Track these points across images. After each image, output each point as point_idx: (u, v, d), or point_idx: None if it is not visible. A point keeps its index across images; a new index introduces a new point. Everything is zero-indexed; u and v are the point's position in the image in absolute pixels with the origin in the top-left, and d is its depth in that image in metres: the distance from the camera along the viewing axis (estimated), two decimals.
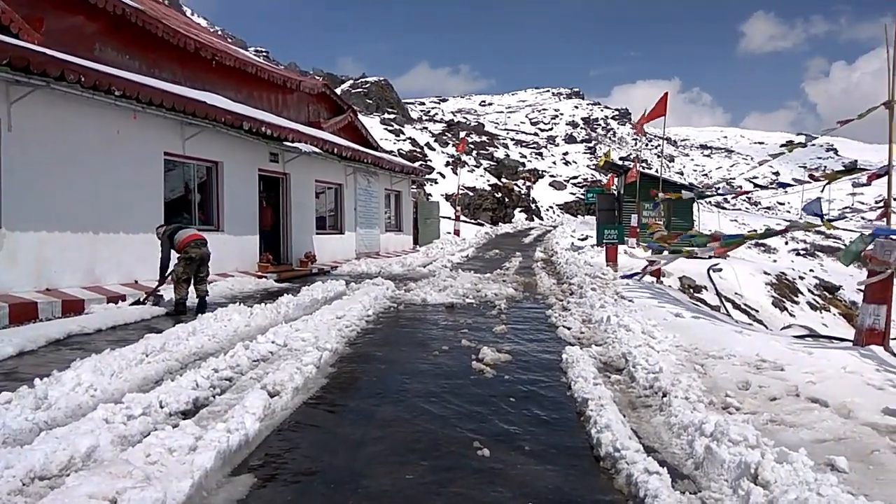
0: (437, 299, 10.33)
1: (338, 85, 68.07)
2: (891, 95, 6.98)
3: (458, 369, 6.16)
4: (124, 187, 10.86)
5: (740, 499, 3.28)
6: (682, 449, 4.19)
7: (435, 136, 57.23)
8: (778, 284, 15.64)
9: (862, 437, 4.28)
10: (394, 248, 21.88)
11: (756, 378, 5.72)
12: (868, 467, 3.85)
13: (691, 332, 7.82)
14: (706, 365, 6.28)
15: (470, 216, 39.49)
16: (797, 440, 4.26)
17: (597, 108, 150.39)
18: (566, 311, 9.29)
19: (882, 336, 6.76)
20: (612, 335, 7.40)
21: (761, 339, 7.30)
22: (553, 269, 15.55)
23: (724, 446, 3.78)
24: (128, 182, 10.94)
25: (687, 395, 5.02)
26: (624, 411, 4.94)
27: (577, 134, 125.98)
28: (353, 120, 22.13)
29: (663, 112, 13.77)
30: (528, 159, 79.85)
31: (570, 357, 6.29)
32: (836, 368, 5.97)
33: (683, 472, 3.83)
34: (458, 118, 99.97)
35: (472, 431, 4.46)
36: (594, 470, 3.89)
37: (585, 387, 5.26)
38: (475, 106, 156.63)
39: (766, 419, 4.73)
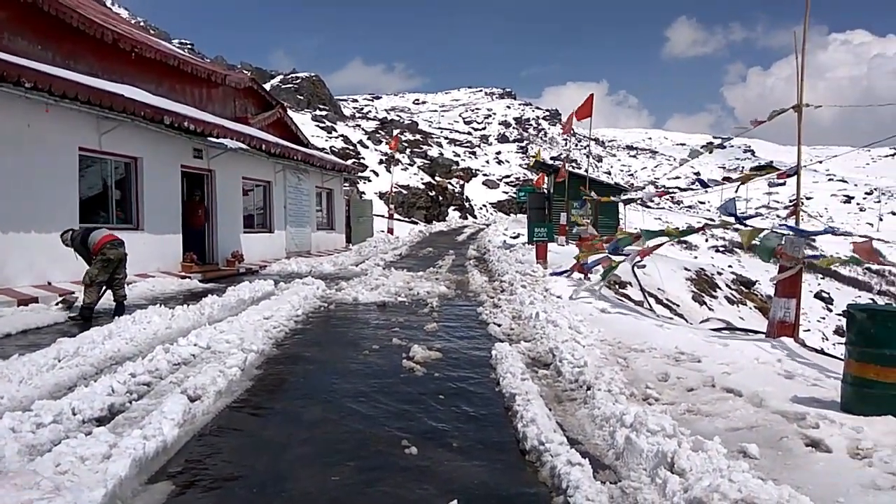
0: (369, 298, 10.25)
1: (267, 80, 66.58)
2: (799, 99, 7.39)
3: (389, 368, 6.13)
4: (36, 184, 10.26)
5: (658, 487, 3.40)
6: (604, 440, 4.30)
7: (368, 133, 56.81)
8: (698, 280, 16.34)
9: (772, 425, 4.50)
10: (325, 246, 21.58)
11: (675, 370, 5.94)
12: (777, 453, 4.05)
13: (616, 326, 8.06)
14: (629, 358, 6.48)
15: (404, 214, 39.41)
16: (712, 429, 4.45)
17: (528, 108, 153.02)
18: (497, 308, 9.39)
19: (792, 328, 7.15)
20: (540, 331, 7.53)
21: (680, 333, 7.60)
22: (485, 266, 15.70)
23: (643, 436, 3.90)
24: (40, 178, 10.34)
25: (609, 387, 5.16)
26: (550, 405, 5.03)
27: (510, 133, 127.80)
28: (283, 116, 21.68)
29: (589, 113, 14.14)
30: (462, 158, 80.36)
31: (499, 353, 6.36)
32: (749, 359, 6.27)
33: (605, 463, 3.94)
34: (392, 116, 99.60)
35: (401, 430, 4.44)
36: (520, 463, 3.95)
37: (513, 382, 5.32)
38: (409, 104, 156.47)
39: (683, 409, 4.91)
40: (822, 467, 3.80)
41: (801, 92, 7.25)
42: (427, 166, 54.40)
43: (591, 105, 14.17)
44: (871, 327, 4.49)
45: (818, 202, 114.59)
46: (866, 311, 4.57)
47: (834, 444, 4.04)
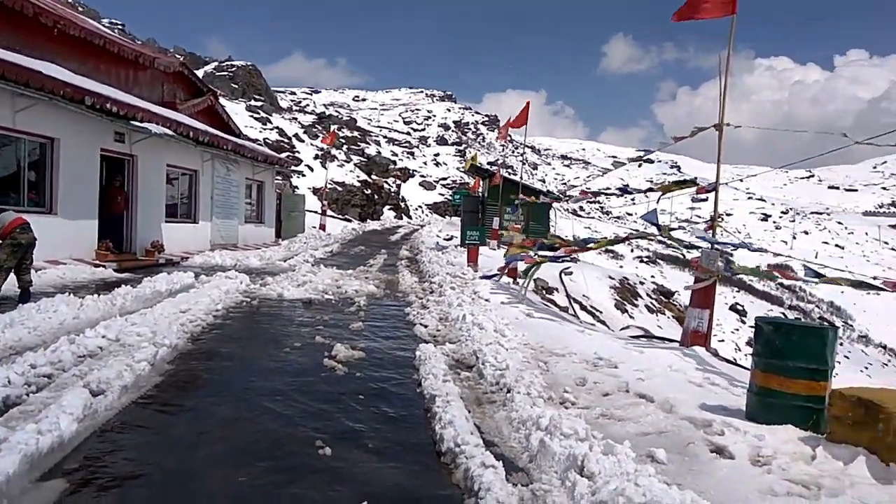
0: (295, 295, 10.03)
1: (201, 66, 64.41)
2: (721, 119, 7.71)
3: (309, 367, 6.00)
4: None
5: (567, 490, 3.45)
6: (519, 443, 4.34)
7: (305, 127, 55.81)
8: (621, 288, 16.84)
9: (680, 431, 4.65)
10: (254, 240, 21.02)
11: (593, 375, 6.08)
12: (684, 458, 4.19)
13: (539, 331, 8.18)
14: (549, 362, 6.58)
15: (338, 211, 38.91)
16: (624, 433, 4.56)
17: (468, 112, 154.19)
18: (425, 309, 9.37)
19: (705, 337, 7.44)
20: (466, 333, 7.55)
21: (600, 339, 7.79)
22: (417, 267, 15.67)
23: (557, 439, 3.96)
24: None
25: (529, 391, 5.22)
26: (470, 407, 5.04)
27: (449, 136, 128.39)
28: (214, 103, 20.98)
29: (525, 121, 14.36)
30: (400, 158, 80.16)
31: (423, 354, 6.34)
32: (663, 367, 6.48)
33: (519, 465, 3.97)
34: (331, 111, 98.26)
35: (317, 430, 4.34)
36: (435, 465, 3.93)
37: (435, 384, 5.30)
38: (349, 100, 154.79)
39: (598, 413, 5.02)
40: (725, 473, 3.95)
41: (722, 112, 7.57)
42: (364, 164, 53.91)
43: (526, 113, 14.39)
44: (777, 339, 4.71)
45: (738, 219, 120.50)
46: (772, 324, 4.79)
47: (737, 451, 4.21)
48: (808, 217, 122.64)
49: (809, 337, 4.62)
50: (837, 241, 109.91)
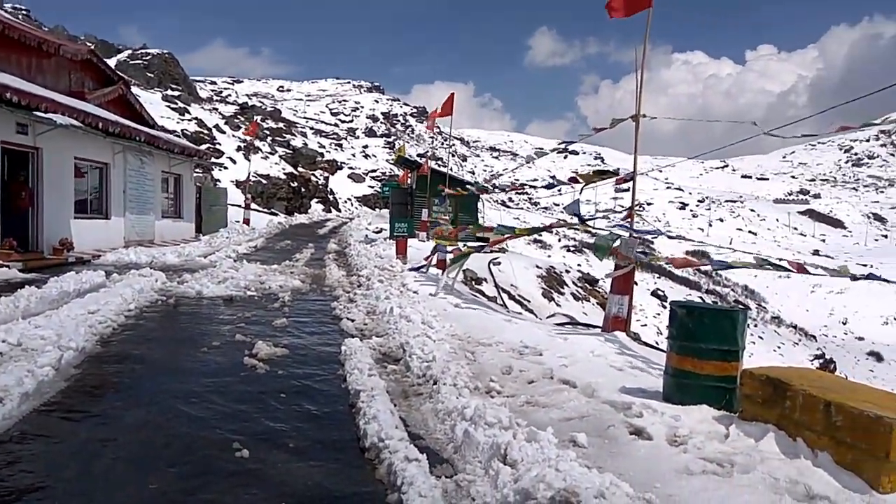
0: (215, 292, 9.67)
1: (113, 54, 61.24)
2: (638, 110, 7.91)
3: (228, 366, 5.78)
4: None
5: (490, 479, 3.45)
6: (445, 434, 4.32)
7: (226, 118, 54.01)
8: (547, 277, 17.16)
9: (601, 414, 4.75)
10: (172, 236, 20.16)
11: (518, 363, 6.14)
12: (604, 441, 4.27)
13: (467, 321, 8.21)
14: (476, 352, 6.60)
15: (263, 205, 37.90)
16: (548, 419, 4.61)
17: (397, 104, 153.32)
18: (352, 303, 9.24)
19: (625, 323, 7.64)
20: (393, 326, 7.48)
21: (526, 328, 7.88)
22: (345, 260, 15.45)
23: (481, 429, 3.95)
24: None
25: (455, 381, 5.21)
26: (396, 400, 4.99)
27: (378, 128, 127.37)
28: (126, 93, 19.94)
29: (450, 111, 14.37)
30: (328, 150, 78.86)
31: (348, 349, 6.22)
32: (585, 352, 6.61)
33: (444, 457, 3.95)
34: (254, 101, 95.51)
35: (234, 432, 4.18)
36: (359, 462, 3.85)
37: (360, 378, 5.21)
38: (273, 91, 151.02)
39: (523, 401, 5.06)
40: (644, 454, 4.05)
41: (639, 103, 7.77)
42: (290, 156, 52.68)
43: (451, 104, 14.40)
44: (690, 323, 4.87)
45: (657, 208, 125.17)
46: (685, 308, 4.95)
47: (655, 431, 4.32)
48: (723, 205, 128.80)
49: (721, 319, 4.80)
50: (750, 227, 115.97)
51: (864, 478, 3.48)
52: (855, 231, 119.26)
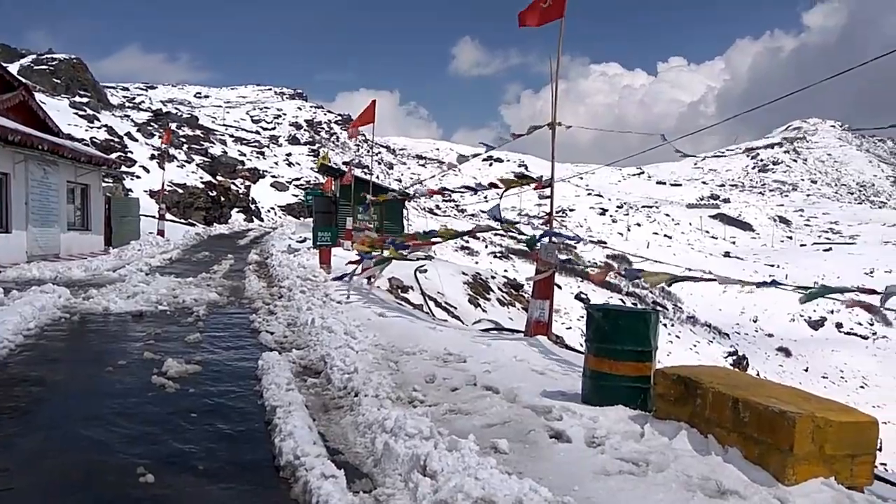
0: (124, 307, 9.16)
1: (16, 59, 57.61)
2: (553, 118, 8.07)
3: (134, 386, 5.46)
4: None
5: (410, 491, 3.38)
6: (365, 447, 4.21)
7: (139, 125, 51.72)
8: (474, 283, 17.27)
9: (523, 419, 4.76)
10: (79, 249, 19.04)
11: (442, 371, 6.09)
12: (525, 446, 4.28)
13: (391, 330, 8.11)
14: (400, 361, 6.52)
15: (180, 215, 36.44)
16: (470, 427, 4.58)
17: (321, 111, 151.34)
18: (272, 315, 8.97)
19: (546, 327, 7.75)
20: (315, 338, 7.30)
21: (450, 335, 7.87)
22: (266, 271, 15.02)
23: (402, 440, 3.87)
24: None
25: (377, 392, 5.11)
26: (315, 415, 4.84)
27: (301, 136, 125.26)
28: (28, 99, 18.71)
29: (372, 119, 14.25)
30: (249, 158, 76.82)
31: (266, 363, 6.00)
32: (508, 357, 6.65)
33: (363, 471, 3.84)
34: (170, 108, 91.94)
35: (139, 456, 3.93)
36: (273, 482, 3.70)
37: (277, 394, 5.03)
38: (190, 97, 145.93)
39: (446, 409, 5.02)
40: (563, 457, 4.08)
41: (554, 111, 7.93)
42: (208, 165, 50.93)
43: (373, 111, 14.28)
44: (605, 325, 4.97)
45: (579, 213, 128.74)
46: (601, 311, 5.05)
47: (574, 434, 4.37)
48: (640, 210, 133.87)
49: (634, 321, 4.91)
50: (666, 231, 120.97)
51: (771, 471, 3.61)
52: (762, 233, 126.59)
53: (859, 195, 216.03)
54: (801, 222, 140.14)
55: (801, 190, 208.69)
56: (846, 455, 3.67)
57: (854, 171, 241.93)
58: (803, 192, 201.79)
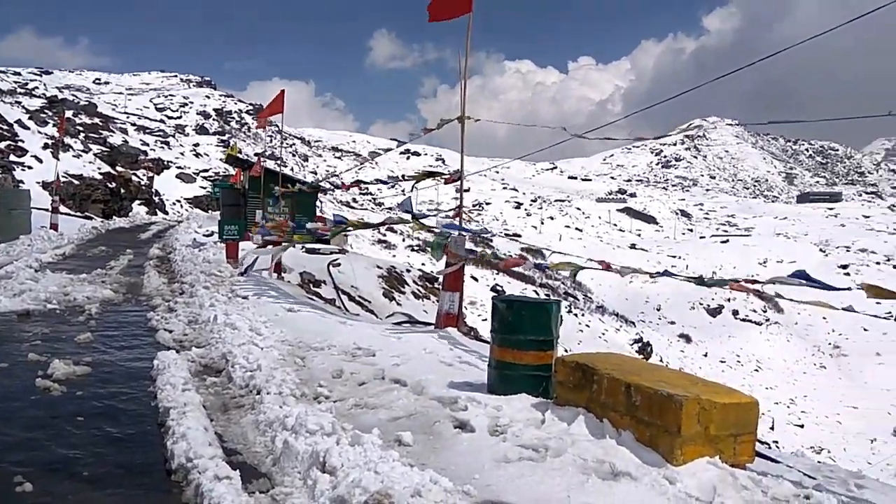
0: (8, 306, 8.49)
1: None
2: (462, 112, 8.13)
3: (16, 390, 5.07)
4: None
5: (308, 489, 3.32)
6: (265, 446, 4.10)
7: (31, 113, 48.18)
8: (388, 277, 17.21)
9: (429, 411, 4.78)
10: None
11: (350, 365, 6.02)
12: (429, 438, 4.29)
13: (300, 325, 7.95)
14: (307, 357, 6.40)
15: (76, 208, 34.24)
16: (375, 421, 4.55)
17: (231, 100, 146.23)
18: (171, 313, 8.57)
19: (456, 319, 7.82)
20: (217, 335, 7.03)
21: (361, 329, 7.80)
22: (168, 267, 14.34)
23: (302, 438, 3.80)
24: None
25: (280, 389, 4.99)
26: (213, 415, 4.68)
27: (210, 125, 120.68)
28: None
29: (281, 109, 13.87)
30: (152, 148, 73.27)
31: (161, 363, 5.72)
32: (418, 350, 6.66)
33: (262, 471, 3.74)
34: (66, 95, 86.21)
35: (17, 464, 3.66)
36: (164, 486, 3.54)
37: (172, 394, 4.81)
38: (88, 83, 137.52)
39: (351, 404, 4.96)
40: (466, 447, 4.12)
41: (463, 105, 8.00)
42: (107, 154, 48.11)
43: (282, 101, 13.89)
44: (509, 316, 5.06)
45: (495, 207, 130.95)
46: (505, 302, 5.13)
47: (478, 423, 4.42)
48: (553, 204, 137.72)
49: (537, 311, 5.03)
50: (577, 224, 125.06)
51: (661, 452, 3.79)
52: (665, 226, 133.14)
53: (754, 190, 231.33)
54: (701, 215, 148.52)
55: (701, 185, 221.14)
56: (729, 435, 3.90)
57: (749, 167, 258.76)
58: (703, 187, 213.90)
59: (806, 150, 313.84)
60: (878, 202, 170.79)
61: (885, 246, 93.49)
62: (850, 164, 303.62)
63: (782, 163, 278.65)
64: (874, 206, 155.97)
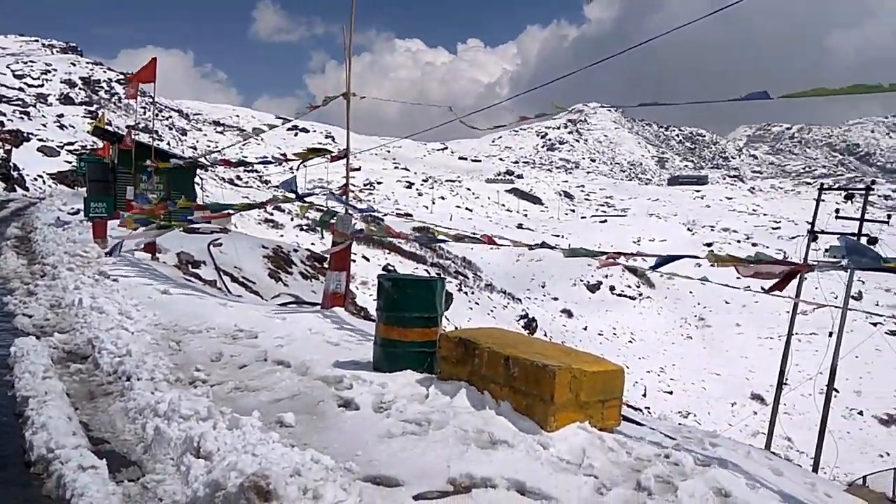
0: None
1: None
2: (348, 88, 8.00)
3: None
4: None
5: (181, 475, 3.20)
6: (135, 434, 3.92)
7: None
8: (274, 257, 16.73)
9: (313, 391, 4.73)
10: None
11: (230, 348, 5.84)
12: (312, 418, 4.26)
13: (175, 308, 7.58)
14: (183, 341, 6.13)
15: None
16: (256, 403, 4.44)
17: (99, 68, 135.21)
18: (31, 297, 7.90)
19: (343, 298, 7.76)
20: (82, 320, 6.58)
21: (243, 310, 7.56)
22: (28, 247, 13.17)
23: (175, 423, 3.66)
24: None
25: (153, 375, 4.77)
26: (78, 404, 4.40)
27: (76, 95, 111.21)
28: None
29: (153, 78, 12.95)
30: (10, 118, 66.66)
31: (20, 350, 5.28)
32: (303, 330, 6.55)
33: (132, 459, 3.58)
34: None
35: None
36: (23, 479, 3.30)
37: (31, 382, 4.47)
38: None
39: (231, 387, 4.82)
40: (350, 425, 4.13)
41: (349, 81, 7.88)
42: None
43: (153, 69, 12.96)
44: (395, 294, 5.09)
45: (387, 187, 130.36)
46: (391, 280, 5.16)
47: (362, 401, 4.44)
48: (444, 184, 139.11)
49: (421, 289, 5.10)
50: (467, 204, 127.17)
51: (536, 420, 3.98)
52: (550, 207, 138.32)
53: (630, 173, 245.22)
54: (583, 197, 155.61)
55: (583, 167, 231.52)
56: (598, 401, 4.16)
57: (626, 152, 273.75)
58: (584, 170, 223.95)
59: (676, 135, 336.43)
60: (739, 185, 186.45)
61: (745, 226, 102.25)
62: (715, 149, 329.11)
63: (655, 147, 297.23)
64: (736, 188, 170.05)
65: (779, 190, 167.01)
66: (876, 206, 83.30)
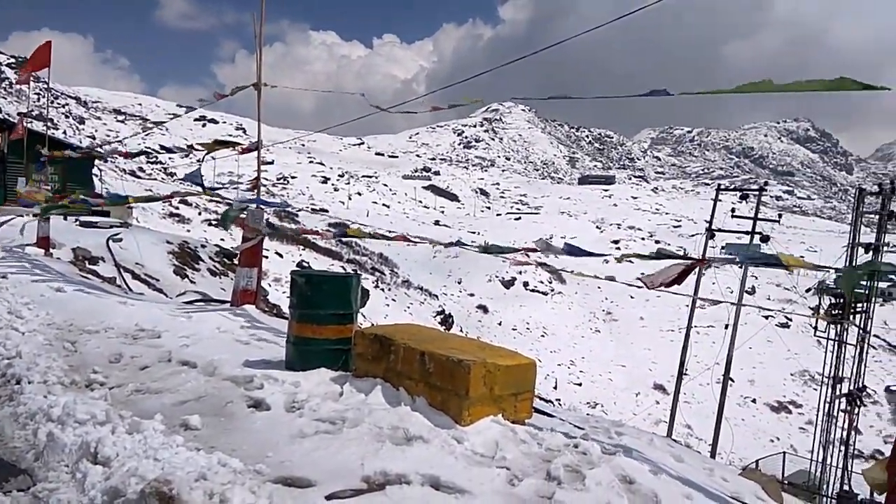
0: None
1: None
2: (259, 78, 7.77)
3: None
4: None
5: (77, 483, 3.01)
6: (26, 441, 3.65)
7: None
8: (180, 253, 16.01)
9: (221, 392, 4.56)
10: None
11: (130, 349, 5.55)
12: (220, 419, 4.10)
13: (71, 306, 7.13)
14: (79, 341, 5.77)
15: None
16: (159, 406, 4.24)
17: None
18: None
19: (254, 295, 7.53)
20: None
21: (145, 308, 7.20)
22: None
23: (70, 429, 3.44)
24: None
25: (45, 377, 4.47)
26: None
27: None
28: None
29: (47, 63, 12.06)
30: None
31: None
32: (211, 329, 6.31)
33: (22, 467, 3.33)
34: None
35: None
36: None
37: None
38: None
39: (131, 390, 4.58)
40: (260, 426, 4.01)
41: (259, 71, 7.65)
42: None
43: (48, 53, 12.08)
44: (308, 291, 4.98)
45: (301, 181, 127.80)
46: (304, 277, 5.05)
47: (274, 401, 4.32)
48: (361, 180, 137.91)
49: (336, 285, 5.02)
50: (384, 200, 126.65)
51: (451, 414, 4.00)
52: (466, 204, 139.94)
53: (542, 171, 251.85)
54: (498, 194, 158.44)
55: (498, 166, 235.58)
56: (511, 394, 4.24)
57: (539, 151, 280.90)
58: (500, 168, 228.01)
59: (586, 136, 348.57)
60: (644, 185, 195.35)
61: (649, 224, 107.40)
62: (622, 150, 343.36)
63: (567, 147, 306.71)
64: (641, 188, 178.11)
65: (680, 190, 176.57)
66: (768, 206, 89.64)
